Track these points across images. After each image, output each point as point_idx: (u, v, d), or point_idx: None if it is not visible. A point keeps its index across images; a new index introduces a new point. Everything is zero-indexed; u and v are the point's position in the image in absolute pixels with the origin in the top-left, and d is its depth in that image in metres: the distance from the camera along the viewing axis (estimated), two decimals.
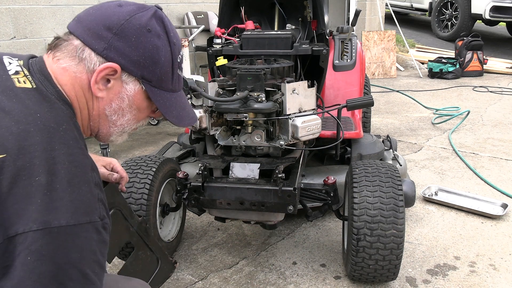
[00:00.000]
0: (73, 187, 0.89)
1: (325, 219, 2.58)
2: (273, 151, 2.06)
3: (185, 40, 4.14)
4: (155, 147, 3.96)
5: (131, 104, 1.08)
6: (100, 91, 1.03)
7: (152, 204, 2.01)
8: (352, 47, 2.63)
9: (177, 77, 1.12)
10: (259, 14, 2.64)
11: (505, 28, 9.89)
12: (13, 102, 0.92)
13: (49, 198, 0.86)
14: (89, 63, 1.01)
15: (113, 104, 1.07)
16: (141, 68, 1.04)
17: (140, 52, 1.02)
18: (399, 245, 1.77)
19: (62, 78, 1.01)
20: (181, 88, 1.17)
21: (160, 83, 1.08)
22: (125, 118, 1.10)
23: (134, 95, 1.07)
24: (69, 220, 0.86)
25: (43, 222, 0.84)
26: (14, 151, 0.86)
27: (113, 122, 1.10)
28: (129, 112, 1.10)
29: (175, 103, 1.13)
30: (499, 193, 2.91)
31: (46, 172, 0.87)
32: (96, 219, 0.91)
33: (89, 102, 1.05)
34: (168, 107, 1.12)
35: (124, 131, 1.14)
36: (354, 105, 2.04)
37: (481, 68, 6.82)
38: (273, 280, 2.06)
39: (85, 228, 0.89)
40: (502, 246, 2.31)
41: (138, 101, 1.09)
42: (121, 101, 1.07)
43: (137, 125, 1.16)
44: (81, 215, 0.89)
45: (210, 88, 1.92)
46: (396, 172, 1.89)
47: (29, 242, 0.83)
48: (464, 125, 4.42)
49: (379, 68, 6.89)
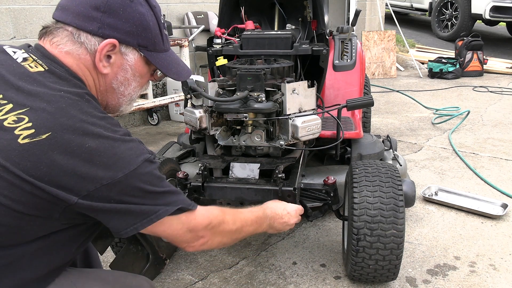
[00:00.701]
0: (118, 142, 1.01)
1: (325, 219, 2.58)
2: (273, 151, 2.06)
3: (185, 40, 4.14)
4: (155, 147, 3.96)
5: (134, 73, 1.16)
6: (105, 67, 1.10)
7: None
8: (352, 47, 2.63)
9: (165, 37, 1.20)
10: (259, 14, 2.64)
11: (505, 28, 9.89)
12: (35, 86, 1.00)
13: (105, 157, 0.97)
14: (89, 45, 1.07)
15: (119, 76, 1.14)
16: (135, 36, 1.11)
17: (130, 22, 1.09)
18: (399, 245, 1.77)
19: (67, 60, 1.07)
20: (169, 47, 1.24)
21: (154, 46, 1.15)
22: (131, 86, 1.18)
23: (135, 63, 1.14)
24: (130, 167, 1.00)
25: (110, 177, 0.97)
26: (58, 128, 0.95)
27: (121, 93, 1.17)
28: (133, 81, 1.17)
29: (171, 61, 1.22)
30: (499, 193, 2.91)
31: (91, 137, 0.97)
32: (147, 155, 1.05)
33: (95, 81, 1.12)
34: (167, 66, 1.20)
35: (132, 99, 1.22)
36: (354, 105, 2.04)
37: (481, 68, 6.82)
38: (273, 280, 2.06)
39: (145, 165, 1.03)
40: (502, 246, 2.31)
41: (140, 68, 1.16)
42: (125, 72, 1.14)
43: (141, 89, 1.24)
44: (135, 157, 1.02)
45: (210, 88, 1.92)
46: (396, 172, 1.89)
47: (104, 193, 0.98)
48: (464, 125, 4.42)
49: (379, 68, 6.89)
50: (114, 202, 1.01)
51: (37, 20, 3.92)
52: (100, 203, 0.99)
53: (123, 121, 4.63)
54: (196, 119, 1.92)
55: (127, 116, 4.62)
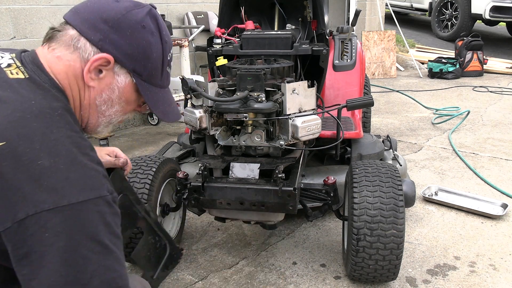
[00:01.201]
0: (76, 166, 0.92)
1: (325, 219, 2.58)
2: (273, 151, 2.06)
3: (185, 40, 4.14)
4: (155, 147, 3.96)
5: (120, 96, 1.11)
6: (92, 80, 1.06)
7: (152, 204, 2.01)
8: (352, 47, 2.63)
9: (166, 74, 1.17)
10: (259, 14, 2.64)
11: (505, 28, 9.89)
12: (8, 92, 0.95)
13: (55, 179, 0.88)
14: (83, 52, 1.04)
15: (104, 94, 1.09)
16: (134, 61, 1.08)
17: (133, 46, 1.06)
18: (399, 245, 1.77)
19: (56, 67, 1.04)
20: (168, 85, 1.21)
21: (150, 77, 1.12)
22: (113, 109, 1.13)
23: (124, 87, 1.10)
24: (78, 197, 0.89)
25: (53, 202, 0.87)
26: (14, 138, 0.88)
27: (102, 112, 1.13)
28: (117, 104, 1.13)
29: (162, 98, 1.17)
30: (499, 193, 2.91)
31: (48, 155, 0.89)
32: (105, 193, 0.94)
33: (81, 91, 1.08)
34: (156, 101, 1.16)
35: (111, 122, 1.17)
36: (354, 105, 2.04)
37: (481, 68, 6.82)
38: (273, 280, 2.06)
39: (96, 203, 0.92)
40: (502, 246, 2.31)
41: (127, 94, 1.12)
42: (111, 92, 1.10)
43: (123, 117, 1.19)
44: (89, 191, 0.92)
45: (210, 88, 1.92)
46: (396, 172, 1.89)
47: (43, 221, 0.86)
48: (464, 125, 4.42)
49: (379, 68, 6.89)
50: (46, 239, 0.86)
51: (37, 20, 3.92)
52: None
53: (124, 121, 4.63)
54: (196, 119, 1.92)
55: None
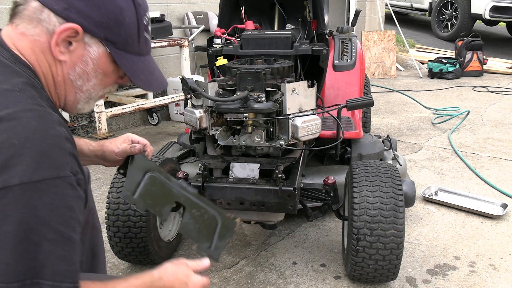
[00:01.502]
0: (34, 142, 0.83)
1: (325, 219, 2.58)
2: (273, 151, 2.06)
3: (185, 40, 4.14)
4: (155, 147, 3.96)
5: (96, 68, 1.04)
6: (62, 54, 0.99)
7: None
8: (352, 47, 2.63)
9: (144, 40, 1.08)
10: (259, 14, 2.64)
11: (505, 28, 9.89)
12: None
13: (7, 156, 0.81)
14: (48, 25, 0.96)
15: (77, 68, 1.02)
16: (104, 29, 1.00)
17: (102, 12, 0.98)
18: (399, 245, 1.77)
19: (20, 43, 0.98)
20: (149, 52, 1.13)
21: (125, 45, 1.04)
22: (90, 83, 1.06)
23: (98, 58, 1.03)
24: (31, 176, 0.81)
25: (2, 181, 0.80)
26: None
27: (78, 87, 1.05)
28: (94, 77, 1.05)
29: (143, 67, 1.10)
30: (499, 193, 2.91)
31: (2, 131, 0.83)
32: (66, 173, 0.86)
33: (52, 67, 1.01)
34: (135, 70, 1.08)
35: (90, 97, 1.09)
36: (354, 105, 2.04)
37: (481, 68, 6.82)
38: (273, 280, 2.06)
39: (54, 184, 0.84)
40: (502, 246, 2.31)
41: (103, 65, 1.04)
42: (85, 64, 1.02)
43: (104, 91, 1.11)
44: (46, 169, 0.84)
45: (210, 88, 1.92)
46: (396, 172, 1.89)
47: None
48: (464, 125, 4.42)
49: (379, 68, 6.89)
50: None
51: None
52: None
53: (124, 121, 4.63)
54: (196, 119, 1.92)
55: (127, 116, 4.62)
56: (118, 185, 2.02)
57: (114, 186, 2.02)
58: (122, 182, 2.02)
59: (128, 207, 1.97)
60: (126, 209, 1.97)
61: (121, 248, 2.04)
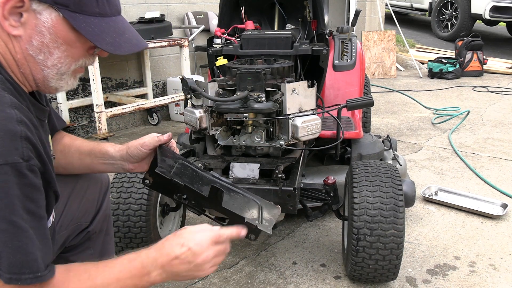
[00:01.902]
0: None
1: (325, 219, 2.58)
2: (273, 151, 2.06)
3: (185, 40, 4.14)
4: None
5: (55, 38, 0.95)
6: (15, 28, 0.92)
7: (152, 204, 2.01)
8: (352, 47, 2.63)
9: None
10: (259, 14, 2.64)
11: (505, 28, 9.89)
12: None
13: None
14: None
15: (34, 41, 0.94)
16: None
17: None
18: (399, 245, 1.77)
19: None
20: (115, 12, 1.01)
21: (79, 7, 0.93)
22: (54, 56, 0.97)
23: (54, 26, 0.93)
24: None
25: None
26: None
27: (42, 63, 0.97)
28: (56, 48, 0.96)
29: (108, 28, 0.98)
30: (499, 193, 2.91)
31: None
32: (16, 159, 0.81)
33: (8, 45, 0.94)
34: (98, 34, 0.96)
35: (60, 72, 1.00)
36: (354, 105, 2.04)
37: (481, 68, 6.82)
38: (273, 280, 2.06)
39: (2, 171, 0.80)
40: (502, 246, 2.32)
41: (62, 33, 0.95)
42: (41, 36, 0.93)
43: (76, 64, 1.01)
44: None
45: (210, 88, 1.92)
46: (396, 172, 1.89)
47: None
48: (464, 125, 4.42)
49: (379, 68, 6.89)
50: None
51: None
52: None
53: (124, 121, 4.63)
54: (196, 119, 1.92)
55: (127, 116, 4.63)
56: (118, 185, 2.02)
57: (114, 186, 2.02)
58: (122, 182, 2.02)
59: (128, 207, 1.97)
60: (126, 209, 1.97)
61: (121, 248, 2.04)
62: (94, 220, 1.45)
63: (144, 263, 1.02)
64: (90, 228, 1.44)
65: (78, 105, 4.16)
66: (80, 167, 1.39)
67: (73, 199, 1.38)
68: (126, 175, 2.03)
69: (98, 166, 1.39)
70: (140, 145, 1.35)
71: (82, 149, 1.38)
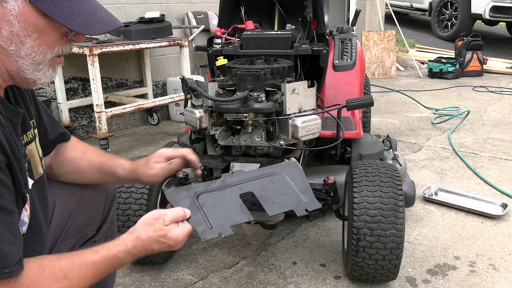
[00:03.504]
0: None
1: (325, 219, 2.58)
2: (273, 151, 2.06)
3: (185, 40, 4.14)
4: (155, 147, 3.96)
5: (25, 26, 0.91)
6: None
7: (152, 204, 2.01)
8: (352, 47, 2.63)
9: None
10: (259, 14, 2.64)
11: (505, 28, 9.89)
12: None
13: None
14: None
15: (3, 31, 0.90)
16: None
17: None
18: (399, 245, 1.77)
19: None
20: None
21: None
22: (26, 46, 0.93)
23: (21, 13, 0.90)
24: None
25: None
26: None
27: (15, 54, 0.93)
28: (28, 37, 0.93)
29: (78, 10, 0.94)
30: (499, 193, 2.91)
31: None
32: None
33: None
34: (68, 15, 0.92)
35: (36, 61, 0.96)
36: (354, 105, 2.04)
37: (481, 68, 6.82)
38: (273, 280, 2.06)
39: None
40: (502, 246, 2.32)
41: (31, 20, 0.91)
42: (10, 25, 0.90)
43: (52, 52, 0.98)
44: None
45: (210, 88, 1.92)
46: (396, 172, 1.89)
47: None
48: (464, 125, 4.42)
49: (379, 68, 6.89)
50: None
51: None
52: None
53: (123, 121, 4.63)
54: (196, 119, 1.92)
55: (127, 116, 4.63)
56: (117, 185, 2.02)
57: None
58: None
59: (128, 207, 1.97)
60: (126, 209, 1.97)
61: None
62: (100, 229, 1.45)
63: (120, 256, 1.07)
64: (97, 238, 1.44)
65: (78, 105, 4.16)
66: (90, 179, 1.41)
67: (79, 209, 1.38)
68: None
69: (108, 181, 1.42)
70: (152, 176, 1.38)
71: (92, 162, 1.39)
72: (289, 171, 1.48)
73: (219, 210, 1.29)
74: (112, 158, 1.43)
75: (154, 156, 1.39)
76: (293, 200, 1.43)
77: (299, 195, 1.45)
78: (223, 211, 1.30)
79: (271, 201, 1.41)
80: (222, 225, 1.25)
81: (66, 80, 4.08)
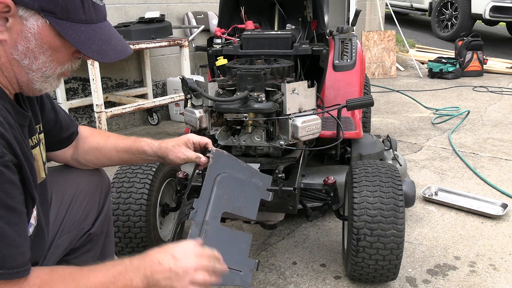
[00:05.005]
0: None
1: (325, 219, 2.58)
2: (273, 151, 2.06)
3: (185, 40, 4.14)
4: None
5: (41, 44, 0.96)
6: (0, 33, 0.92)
7: (152, 204, 2.01)
8: (352, 47, 2.63)
9: (90, 5, 0.98)
10: (259, 14, 2.64)
11: (505, 28, 9.89)
12: None
13: None
14: None
15: (19, 46, 0.94)
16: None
17: None
18: (399, 245, 1.77)
19: None
20: (101, 18, 1.02)
21: (66, 14, 0.94)
22: (39, 61, 0.98)
23: (40, 32, 0.94)
24: None
25: None
26: None
27: (27, 67, 0.98)
28: (42, 54, 0.97)
29: (94, 35, 0.99)
30: (499, 193, 2.91)
31: None
32: None
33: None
34: (84, 41, 0.97)
35: (45, 75, 1.01)
36: (354, 105, 2.04)
37: (481, 68, 6.81)
38: (273, 280, 2.06)
39: None
40: (502, 246, 2.31)
41: (48, 39, 0.95)
42: (27, 41, 0.94)
43: (62, 68, 1.03)
44: None
45: (210, 88, 1.92)
46: (396, 172, 1.89)
47: None
48: (464, 125, 4.42)
49: (379, 68, 6.89)
50: None
51: None
52: None
53: (123, 121, 4.63)
54: (196, 119, 1.92)
55: (127, 116, 4.63)
56: (118, 185, 2.02)
57: (114, 186, 2.02)
58: (122, 182, 2.02)
59: (128, 207, 1.97)
60: (126, 209, 1.97)
61: (121, 248, 2.04)
62: (95, 222, 1.46)
63: (127, 269, 1.02)
64: (92, 230, 1.45)
65: (78, 105, 4.16)
66: (120, 161, 1.49)
67: (75, 203, 1.40)
68: (126, 175, 2.03)
69: (137, 161, 1.49)
70: (179, 159, 1.44)
71: (119, 147, 1.46)
72: (224, 164, 1.45)
73: (224, 249, 1.25)
74: (136, 139, 1.49)
75: (183, 141, 1.45)
76: (254, 190, 1.43)
77: (252, 182, 1.44)
78: (227, 249, 1.27)
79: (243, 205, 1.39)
80: (242, 261, 1.26)
81: (66, 80, 4.07)
